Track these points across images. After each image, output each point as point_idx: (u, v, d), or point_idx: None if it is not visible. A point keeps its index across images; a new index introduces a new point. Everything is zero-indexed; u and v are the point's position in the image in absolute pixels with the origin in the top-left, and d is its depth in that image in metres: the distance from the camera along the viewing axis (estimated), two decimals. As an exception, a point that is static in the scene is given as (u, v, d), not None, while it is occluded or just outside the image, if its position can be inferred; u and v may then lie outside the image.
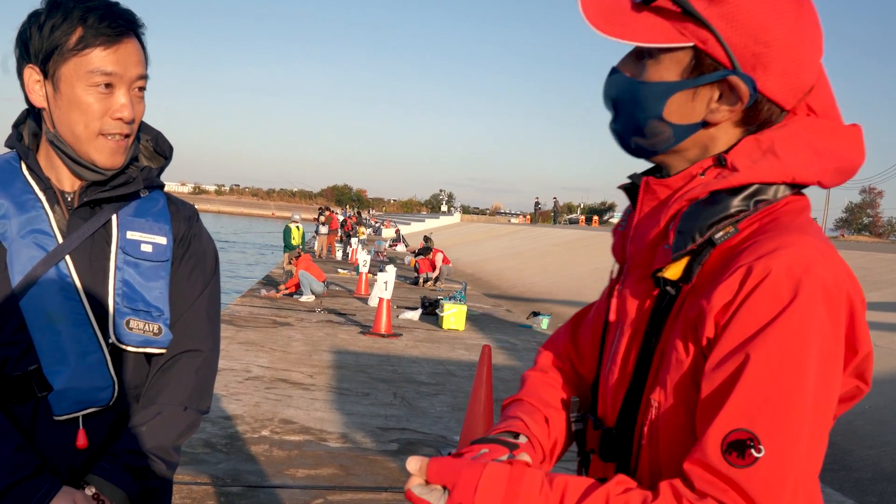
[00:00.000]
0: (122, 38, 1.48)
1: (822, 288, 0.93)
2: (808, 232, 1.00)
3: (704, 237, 1.03)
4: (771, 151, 1.04)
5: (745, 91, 1.03)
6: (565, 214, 66.28)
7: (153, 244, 1.60)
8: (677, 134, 1.09)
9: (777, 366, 0.92)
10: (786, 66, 1.02)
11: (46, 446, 1.48)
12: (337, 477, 5.06)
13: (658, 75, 1.07)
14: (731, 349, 0.95)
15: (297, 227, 19.31)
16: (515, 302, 17.44)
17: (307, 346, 9.79)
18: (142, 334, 1.55)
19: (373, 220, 58.33)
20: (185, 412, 1.60)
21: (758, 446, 0.91)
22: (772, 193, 1.04)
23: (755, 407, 0.92)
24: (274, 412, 6.48)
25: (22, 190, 1.53)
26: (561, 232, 33.46)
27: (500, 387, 7.98)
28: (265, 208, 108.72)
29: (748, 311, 0.95)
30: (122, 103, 1.49)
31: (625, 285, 1.17)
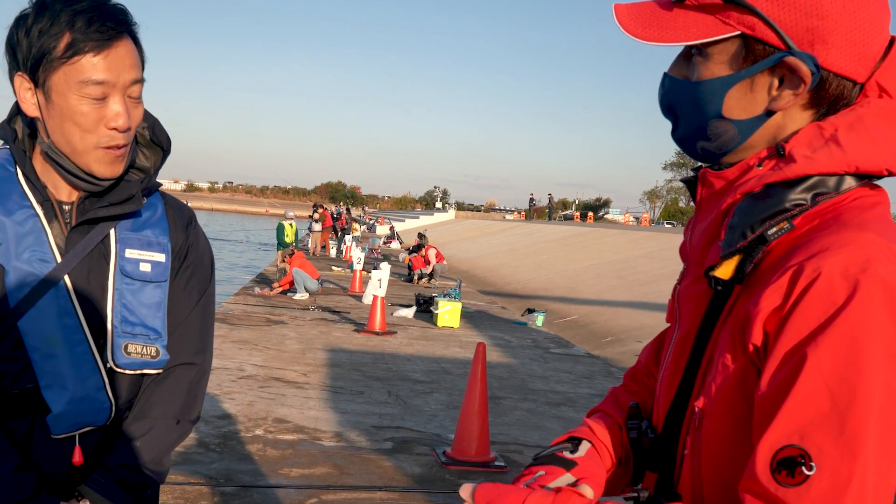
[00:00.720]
0: (112, 41, 1.39)
1: (883, 287, 0.84)
2: (870, 228, 0.90)
3: (756, 234, 0.95)
4: (833, 139, 0.95)
5: (807, 71, 0.95)
6: (560, 211, 66.34)
7: (152, 263, 1.56)
8: (742, 130, 1.01)
9: (830, 375, 0.84)
10: (847, 35, 0.95)
11: (42, 461, 1.47)
12: (331, 476, 5.03)
13: (710, 72, 1.01)
14: (782, 358, 0.88)
15: (290, 225, 19.26)
16: (510, 299, 17.43)
17: (301, 344, 9.76)
18: (140, 358, 1.53)
19: (367, 217, 58.27)
20: (177, 425, 1.60)
21: (808, 463, 0.83)
22: (833, 186, 0.96)
23: (807, 421, 0.84)
24: (268, 411, 6.45)
25: (18, 204, 1.47)
26: (556, 228, 33.48)
27: (494, 384, 7.97)
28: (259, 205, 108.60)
29: (799, 317, 0.87)
30: (117, 111, 1.41)
31: (682, 285, 1.11)
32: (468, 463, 5.40)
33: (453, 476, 5.22)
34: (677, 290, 1.13)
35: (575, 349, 11.26)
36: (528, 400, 7.70)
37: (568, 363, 10.00)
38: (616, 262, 19.23)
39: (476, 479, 5.17)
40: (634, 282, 15.85)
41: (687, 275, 1.12)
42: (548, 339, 12.09)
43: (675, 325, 1.12)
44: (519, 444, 6.11)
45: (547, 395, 8.02)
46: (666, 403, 1.09)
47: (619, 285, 15.95)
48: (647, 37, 1.01)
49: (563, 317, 14.27)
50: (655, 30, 1.01)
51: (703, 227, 1.06)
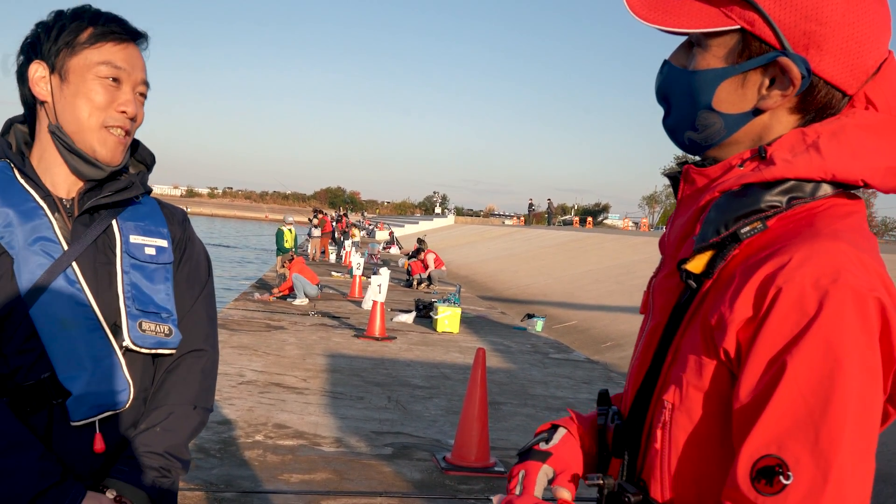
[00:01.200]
0: (130, 41, 1.56)
1: (853, 297, 0.86)
2: (842, 238, 0.91)
3: (729, 231, 0.97)
4: (814, 146, 0.97)
5: (798, 73, 0.96)
6: (559, 216, 66.32)
7: (156, 247, 1.64)
8: (728, 124, 1.03)
9: (805, 385, 0.86)
10: (843, 44, 0.96)
11: (64, 452, 1.49)
12: (331, 482, 5.03)
13: (706, 63, 1.02)
14: (758, 369, 0.89)
15: (289, 230, 19.28)
16: (510, 304, 17.43)
17: (301, 349, 9.76)
18: (154, 336, 1.57)
19: (366, 222, 58.24)
20: (194, 411, 1.64)
21: (786, 473, 0.85)
22: (809, 191, 0.98)
23: (784, 430, 0.86)
24: (267, 417, 6.45)
25: (22, 198, 1.53)
26: (555, 233, 33.48)
27: (494, 390, 7.97)
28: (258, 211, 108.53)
29: (772, 327, 0.89)
30: (127, 98, 1.54)
31: (658, 278, 1.14)
32: (468, 468, 5.40)
33: (453, 482, 5.22)
34: (652, 283, 1.16)
35: (574, 354, 11.26)
36: (528, 405, 7.70)
37: (567, 368, 10.00)
38: (615, 268, 19.24)
39: (476, 484, 5.17)
40: (634, 287, 15.84)
41: (663, 268, 1.14)
42: (547, 344, 12.09)
43: (648, 317, 1.14)
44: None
45: (547, 400, 8.02)
46: (633, 392, 1.11)
47: (619, 290, 15.95)
48: (651, 19, 1.03)
49: (563, 322, 14.27)
50: (660, 13, 1.03)
51: (682, 221, 1.09)
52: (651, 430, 1.05)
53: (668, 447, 1.01)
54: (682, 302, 1.03)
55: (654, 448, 1.03)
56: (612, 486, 1.08)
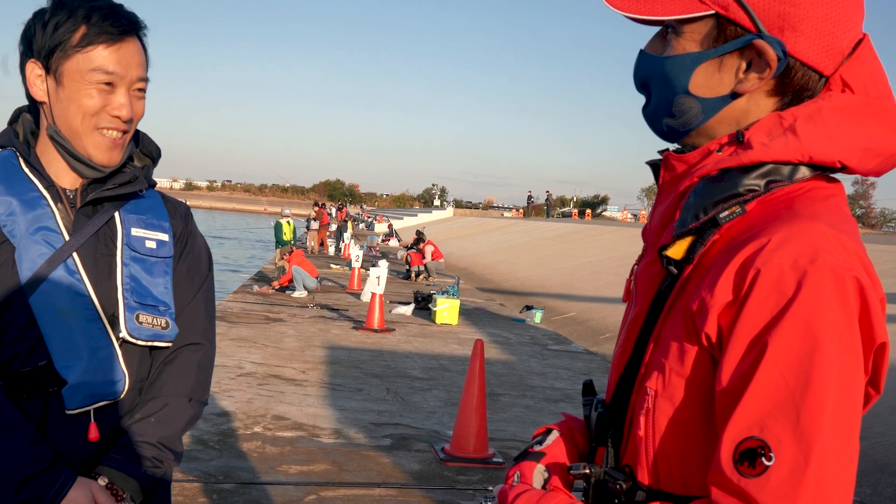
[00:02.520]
0: (124, 37, 1.51)
1: (831, 277, 0.86)
2: (820, 219, 0.91)
3: (708, 216, 0.97)
4: (791, 129, 0.97)
5: (773, 55, 0.97)
6: (558, 208, 66.24)
7: (157, 241, 1.65)
8: (706, 108, 1.03)
9: (785, 366, 0.86)
10: (818, 25, 0.96)
11: (58, 440, 1.50)
12: (330, 473, 5.04)
13: (681, 48, 1.03)
14: (739, 352, 0.90)
15: (287, 223, 19.25)
16: (508, 296, 17.44)
17: (300, 341, 9.77)
18: (151, 328, 1.58)
19: (365, 214, 58.20)
20: (189, 403, 1.64)
21: (768, 454, 0.85)
22: (787, 174, 0.98)
23: (766, 412, 0.87)
24: (266, 408, 6.46)
25: (26, 188, 1.55)
26: (554, 225, 33.48)
27: (493, 381, 7.98)
28: (257, 204, 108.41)
29: (752, 309, 0.89)
30: (121, 102, 1.52)
31: (640, 266, 1.13)
32: (466, 459, 5.41)
33: (452, 472, 5.23)
34: (635, 270, 1.16)
35: (573, 346, 11.27)
36: (527, 396, 7.71)
37: (566, 360, 10.02)
38: (614, 259, 19.24)
39: (474, 475, 5.18)
40: (632, 278, 15.84)
41: (645, 255, 1.14)
42: (546, 335, 12.10)
43: (631, 305, 1.15)
44: (517, 441, 6.12)
45: (545, 391, 8.03)
46: (615, 380, 1.12)
47: (617, 282, 15.96)
48: (624, 7, 1.04)
49: (562, 313, 14.29)
50: (633, 2, 1.03)
51: (662, 208, 1.09)
52: (634, 417, 1.05)
53: (651, 433, 1.01)
54: (664, 289, 1.03)
55: (637, 435, 1.03)
56: (599, 474, 1.09)
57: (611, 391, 1.13)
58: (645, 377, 1.03)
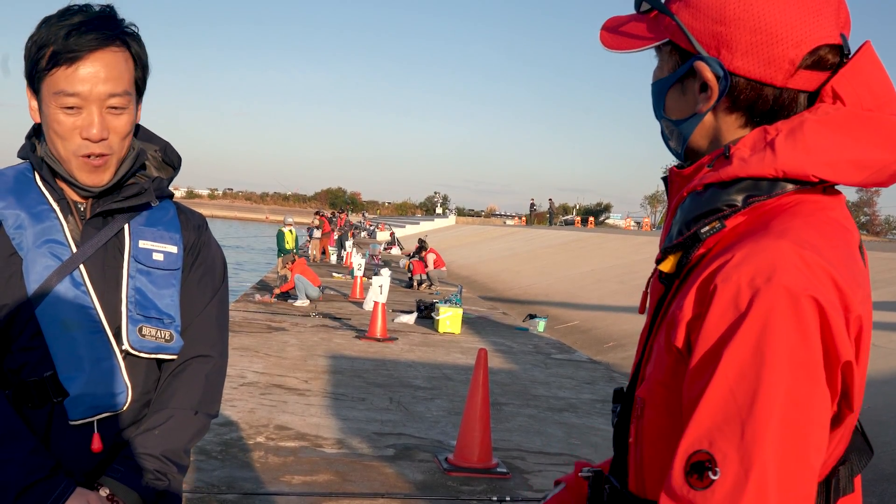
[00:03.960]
0: (88, 54, 1.46)
1: (785, 296, 0.88)
2: (788, 236, 0.92)
3: (690, 231, 1.01)
4: (770, 144, 0.99)
5: (711, 75, 1.01)
6: (561, 216, 66.27)
7: (165, 253, 1.63)
8: (682, 130, 1.10)
9: (734, 382, 0.88)
10: (751, 38, 0.99)
11: (62, 450, 1.51)
12: (333, 483, 5.02)
13: (655, 76, 1.12)
14: (697, 366, 0.93)
15: (290, 231, 19.25)
16: (511, 304, 17.41)
17: (302, 351, 9.75)
18: (154, 341, 1.58)
19: (367, 223, 58.25)
20: (195, 416, 1.63)
21: (714, 468, 0.88)
22: (766, 189, 0.99)
23: (714, 426, 0.89)
24: (269, 418, 6.44)
25: (36, 200, 1.56)
26: (557, 233, 33.47)
27: (496, 390, 7.96)
28: (259, 212, 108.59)
29: (710, 325, 0.92)
30: (89, 122, 1.48)
31: (653, 278, 1.17)
32: (470, 469, 5.38)
33: (455, 483, 5.20)
34: (649, 283, 1.19)
35: (577, 354, 11.24)
36: (530, 406, 7.68)
37: (570, 369, 9.99)
38: (617, 267, 19.22)
39: (478, 485, 5.15)
40: (636, 287, 15.82)
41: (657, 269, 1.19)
42: (549, 344, 12.07)
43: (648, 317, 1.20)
44: (521, 451, 6.09)
45: (549, 400, 8.00)
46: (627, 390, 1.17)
47: (621, 290, 15.93)
48: (614, 46, 1.12)
49: (565, 322, 14.26)
50: (619, 40, 1.11)
51: (668, 222, 1.13)
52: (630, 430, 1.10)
53: (640, 440, 1.05)
54: (658, 302, 1.09)
55: (629, 443, 1.08)
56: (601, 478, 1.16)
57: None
58: (637, 386, 1.08)
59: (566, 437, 6.63)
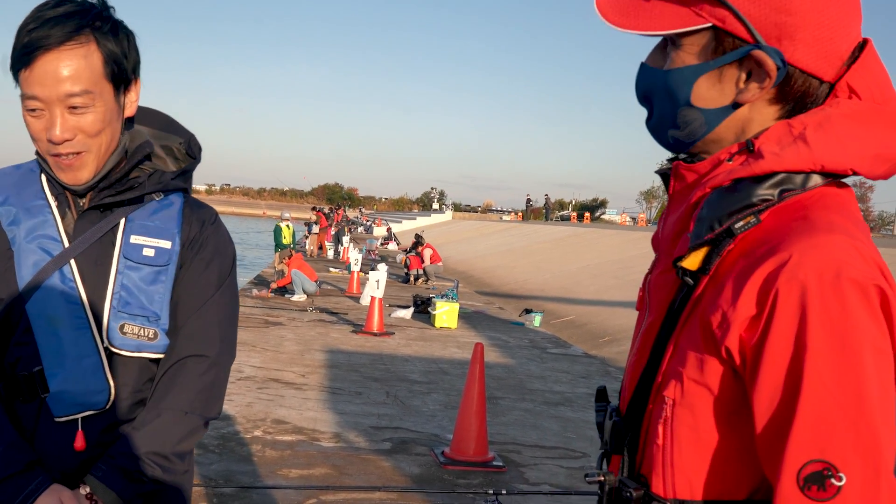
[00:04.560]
0: (45, 53, 1.42)
1: (856, 288, 0.88)
2: (837, 229, 0.92)
3: (724, 227, 0.98)
4: (801, 138, 0.98)
5: (773, 65, 0.97)
6: (557, 211, 66.29)
7: (156, 248, 1.58)
8: (709, 119, 1.04)
9: (831, 383, 0.87)
10: (815, 32, 0.97)
11: (46, 446, 1.50)
12: (330, 477, 5.04)
13: (681, 61, 1.04)
14: (775, 375, 0.90)
15: (287, 226, 19.23)
16: (508, 299, 17.44)
17: (299, 345, 9.77)
18: (136, 339, 1.54)
19: (364, 218, 58.20)
20: (185, 417, 1.56)
21: (836, 474, 0.86)
22: (800, 183, 0.98)
23: (822, 433, 0.87)
24: (266, 412, 6.46)
25: (34, 196, 1.57)
26: (553, 229, 33.49)
27: (492, 384, 7.98)
28: (256, 208, 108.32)
29: (781, 329, 0.89)
30: (52, 124, 1.46)
31: (653, 274, 1.14)
32: (467, 463, 5.41)
33: (452, 476, 5.23)
34: (648, 280, 1.16)
35: (572, 349, 11.27)
36: (526, 400, 7.71)
37: (565, 363, 10.02)
38: (613, 262, 19.25)
39: (474, 478, 5.18)
40: (631, 282, 15.85)
41: (658, 265, 1.15)
42: (545, 339, 12.10)
43: (645, 314, 1.15)
44: (517, 444, 6.13)
45: (545, 394, 8.03)
46: (630, 389, 1.11)
47: (616, 285, 15.97)
48: (624, 24, 1.04)
49: (561, 317, 14.29)
50: (632, 18, 1.04)
51: (674, 218, 1.09)
52: (651, 426, 1.05)
53: (669, 442, 1.01)
54: (680, 298, 1.04)
55: (655, 444, 1.03)
56: (613, 482, 1.09)
57: (626, 399, 1.13)
58: (662, 386, 1.03)
59: (562, 430, 6.67)
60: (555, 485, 5.26)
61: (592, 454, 5.98)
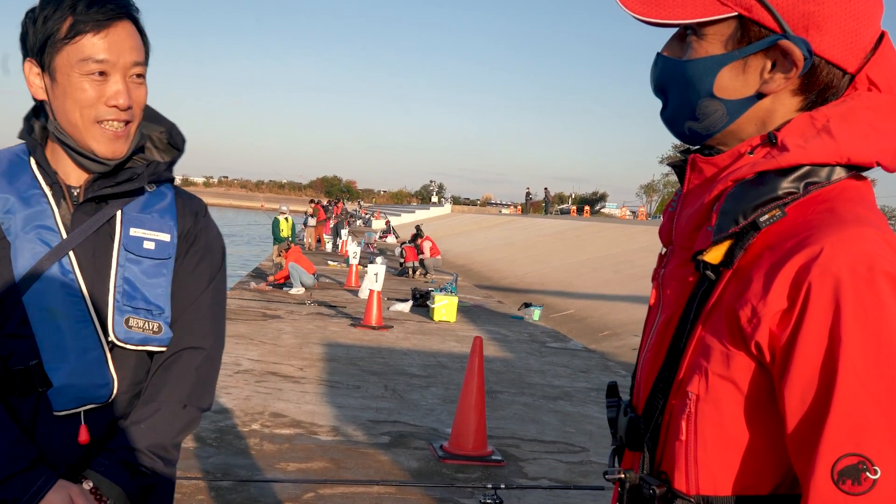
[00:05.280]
0: (112, 22, 1.46)
1: (891, 282, 0.87)
2: (865, 222, 0.92)
3: (748, 220, 0.96)
4: (825, 130, 0.97)
5: (800, 55, 0.96)
6: (556, 205, 66.33)
7: (156, 241, 1.59)
8: (731, 110, 1.02)
9: (866, 376, 0.86)
10: (842, 23, 0.96)
11: (47, 441, 1.49)
12: (328, 470, 5.03)
13: (704, 51, 1.01)
14: (808, 368, 0.89)
15: (285, 219, 19.20)
16: (507, 293, 17.43)
17: (297, 338, 9.75)
18: (141, 332, 1.54)
19: (362, 211, 58.18)
20: (184, 409, 1.58)
21: (871, 468, 0.85)
22: (825, 176, 0.97)
23: (857, 427, 0.86)
24: (264, 406, 6.44)
25: (28, 185, 1.53)
26: (552, 222, 33.48)
27: (491, 378, 7.97)
28: (254, 200, 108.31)
29: (814, 322, 0.88)
30: (117, 90, 1.47)
31: (667, 268, 1.12)
32: (465, 457, 5.40)
33: (450, 470, 5.21)
34: (661, 274, 1.14)
35: (572, 343, 11.26)
36: (525, 394, 7.70)
37: (565, 357, 10.01)
38: (613, 256, 19.24)
39: (473, 472, 5.17)
40: (631, 276, 15.85)
41: (672, 258, 1.13)
42: (544, 333, 12.09)
43: (658, 309, 1.13)
44: (516, 438, 6.11)
45: (544, 389, 8.02)
46: (647, 385, 1.10)
47: (616, 279, 15.96)
48: (646, 13, 1.02)
49: (560, 311, 14.28)
50: (653, 7, 1.01)
51: (691, 211, 1.07)
52: (672, 422, 1.03)
53: (693, 438, 1.00)
54: (701, 292, 1.02)
55: (678, 440, 1.02)
56: (634, 479, 1.08)
57: (643, 395, 1.11)
58: (685, 382, 1.02)
59: (561, 425, 6.65)
60: (554, 479, 5.25)
61: (592, 449, 5.97)
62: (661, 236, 1.18)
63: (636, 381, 1.17)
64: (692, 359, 1.01)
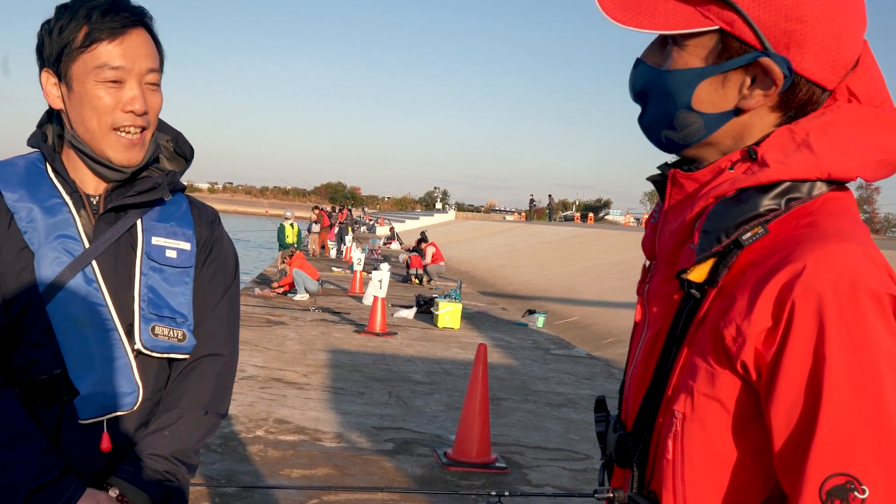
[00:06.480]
0: (127, 30, 1.48)
1: (872, 297, 0.86)
2: (847, 236, 0.91)
3: (731, 238, 0.96)
4: (805, 144, 0.96)
5: (780, 73, 0.95)
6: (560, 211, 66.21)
7: (178, 250, 1.61)
8: (708, 124, 1.01)
9: (850, 395, 0.85)
10: (824, 42, 0.94)
11: (71, 449, 1.50)
12: (332, 477, 5.03)
13: (683, 62, 1.00)
14: (792, 387, 0.88)
15: (291, 225, 19.24)
16: (511, 300, 17.42)
17: (301, 345, 9.76)
18: (167, 340, 1.56)
19: (367, 217, 58.24)
20: (205, 416, 1.61)
21: (860, 487, 0.84)
22: (806, 191, 0.97)
23: (843, 446, 0.85)
24: (268, 412, 6.45)
25: (48, 194, 1.54)
26: (556, 229, 33.48)
27: (495, 385, 7.97)
28: (258, 206, 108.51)
29: (798, 340, 0.87)
30: (133, 96, 1.49)
31: (652, 283, 1.11)
32: (469, 464, 5.40)
33: (454, 477, 5.21)
34: (645, 289, 1.13)
35: (576, 350, 11.25)
36: (529, 401, 7.69)
37: (569, 364, 10.00)
38: (617, 263, 19.22)
39: (477, 479, 5.16)
40: (635, 283, 15.76)
41: (656, 274, 1.12)
42: (548, 340, 12.08)
43: (644, 325, 1.12)
44: (520, 446, 6.11)
45: (548, 396, 8.01)
46: (636, 402, 1.09)
47: (620, 286, 15.94)
48: (626, 21, 1.00)
49: (564, 318, 14.27)
50: (634, 14, 1.00)
51: (674, 227, 1.06)
52: (661, 441, 1.03)
53: (680, 457, 0.99)
54: (686, 310, 1.01)
55: (665, 459, 1.01)
56: (623, 498, 1.07)
57: (632, 413, 1.10)
58: (672, 400, 1.01)
59: (565, 432, 6.65)
60: (558, 487, 5.24)
61: (596, 456, 5.95)
62: (644, 249, 1.17)
63: (624, 397, 1.16)
64: (679, 378, 1.00)
